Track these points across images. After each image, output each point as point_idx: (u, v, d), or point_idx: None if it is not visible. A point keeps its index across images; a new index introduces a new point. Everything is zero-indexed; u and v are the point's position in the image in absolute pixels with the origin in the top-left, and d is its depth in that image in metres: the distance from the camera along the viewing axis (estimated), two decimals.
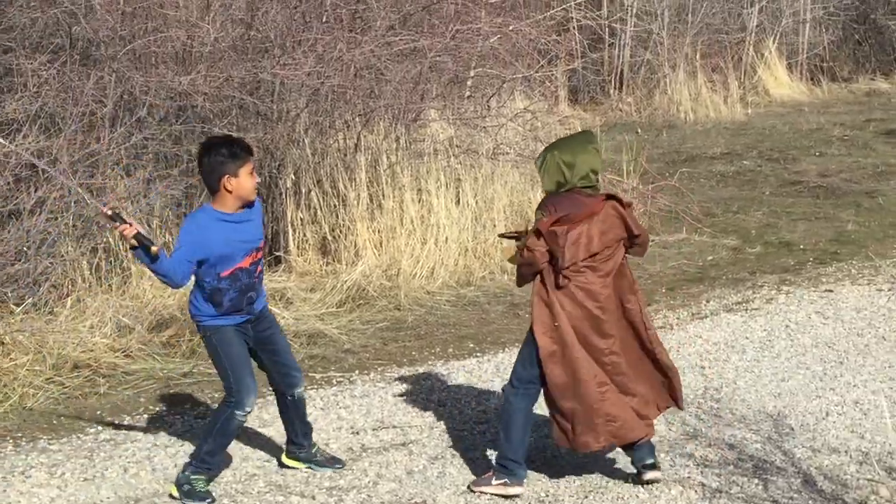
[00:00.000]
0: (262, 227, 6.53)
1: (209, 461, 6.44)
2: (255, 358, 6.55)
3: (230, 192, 6.17)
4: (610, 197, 6.39)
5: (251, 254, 6.30)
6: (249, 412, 6.44)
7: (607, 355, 6.36)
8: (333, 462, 6.86)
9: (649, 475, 6.49)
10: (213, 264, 6.20)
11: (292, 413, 6.72)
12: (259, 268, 6.40)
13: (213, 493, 6.38)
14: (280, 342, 6.61)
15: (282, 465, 6.83)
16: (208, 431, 6.45)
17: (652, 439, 6.56)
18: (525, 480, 6.47)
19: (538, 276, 6.36)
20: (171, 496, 6.43)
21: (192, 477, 6.36)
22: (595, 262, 6.30)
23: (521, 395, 6.45)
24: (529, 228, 6.61)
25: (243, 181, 6.18)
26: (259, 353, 6.52)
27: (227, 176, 6.14)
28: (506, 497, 6.38)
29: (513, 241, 6.64)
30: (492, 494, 6.41)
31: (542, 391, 6.46)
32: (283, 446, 6.90)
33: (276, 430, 7.30)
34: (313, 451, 6.83)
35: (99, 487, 6.54)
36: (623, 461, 6.69)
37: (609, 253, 6.36)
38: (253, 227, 6.33)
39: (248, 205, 6.28)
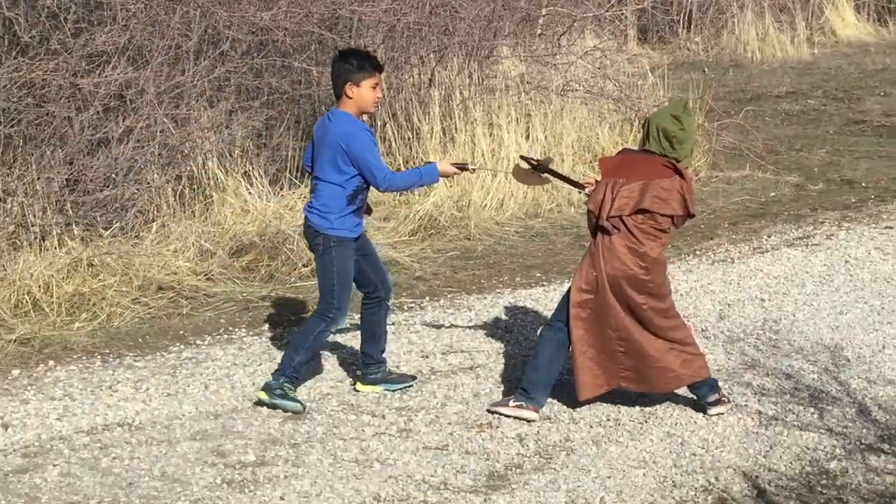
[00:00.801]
0: None
1: (299, 373, 6.58)
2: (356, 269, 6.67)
3: (350, 98, 6.41)
4: (678, 173, 6.32)
5: None
6: (339, 327, 6.64)
7: (645, 310, 6.33)
8: (405, 378, 6.92)
9: (713, 410, 6.48)
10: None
11: (382, 325, 6.82)
12: None
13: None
14: (374, 249, 6.88)
15: (357, 391, 6.88)
16: (300, 344, 6.55)
17: (711, 373, 6.54)
18: (541, 409, 6.48)
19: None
20: (259, 402, 6.54)
21: (285, 384, 6.48)
22: (645, 223, 6.25)
23: (554, 329, 6.48)
24: (550, 158, 6.87)
25: (364, 91, 6.43)
26: (361, 259, 6.66)
27: (349, 83, 6.39)
28: (520, 419, 6.41)
29: (524, 164, 6.73)
30: (507, 415, 6.44)
31: None
32: (357, 371, 6.97)
33: (348, 353, 7.37)
34: (387, 371, 6.89)
35: (181, 402, 6.63)
36: (684, 390, 6.66)
37: (662, 221, 6.30)
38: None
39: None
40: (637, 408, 6.63)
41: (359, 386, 6.89)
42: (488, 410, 6.54)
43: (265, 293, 8.55)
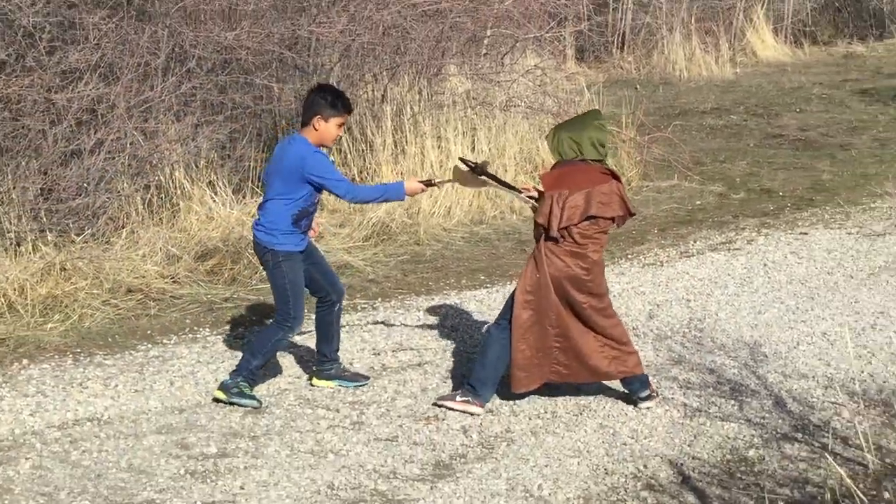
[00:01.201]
0: None
1: (254, 375, 6.51)
2: (305, 277, 6.62)
3: (316, 130, 6.35)
4: (615, 177, 6.34)
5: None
6: (295, 335, 6.59)
7: (585, 308, 6.34)
8: (359, 378, 6.88)
9: (644, 404, 6.50)
10: (317, 188, 6.40)
11: (335, 323, 6.77)
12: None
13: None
14: (322, 256, 6.82)
15: (312, 386, 6.84)
16: (258, 348, 6.50)
17: (643, 369, 6.55)
18: (486, 404, 6.45)
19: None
20: (215, 400, 6.47)
21: (241, 383, 6.42)
22: (589, 228, 6.26)
23: (501, 328, 6.47)
24: (487, 161, 6.97)
25: (330, 127, 6.39)
26: (310, 268, 6.59)
27: (319, 116, 6.34)
28: (465, 413, 6.39)
29: (462, 165, 6.75)
30: (453, 409, 6.42)
31: None
32: (313, 367, 6.92)
33: (305, 351, 7.31)
34: (341, 368, 6.85)
35: (148, 398, 6.56)
36: (617, 384, 6.67)
37: (604, 225, 6.32)
38: None
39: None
40: (573, 401, 6.62)
41: (315, 381, 6.84)
42: (435, 404, 6.51)
43: (228, 295, 8.47)
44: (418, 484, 5.60)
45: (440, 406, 6.47)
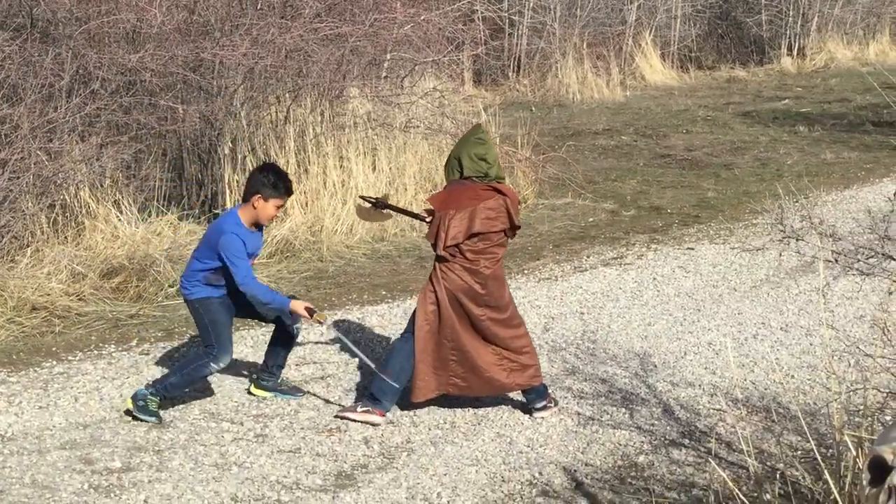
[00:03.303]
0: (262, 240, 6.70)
1: (169, 391, 6.40)
2: (250, 315, 6.64)
3: (254, 208, 6.31)
4: (499, 191, 6.35)
5: (253, 256, 6.47)
6: (222, 368, 6.44)
7: (483, 321, 6.37)
8: (295, 391, 6.84)
9: (538, 414, 6.53)
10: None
11: (285, 344, 6.76)
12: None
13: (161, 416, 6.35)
14: None
15: (250, 393, 6.80)
16: (180, 368, 6.42)
17: (542, 380, 6.59)
18: (388, 414, 6.45)
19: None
20: (126, 412, 6.37)
21: (150, 397, 6.31)
22: (477, 244, 6.28)
23: (405, 340, 6.48)
24: (387, 195, 7.05)
25: (268, 208, 6.34)
26: (254, 309, 6.56)
27: (259, 196, 6.29)
28: (366, 423, 6.38)
29: (364, 203, 6.78)
30: (355, 420, 6.41)
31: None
32: (253, 376, 6.93)
33: None
34: (279, 381, 6.79)
35: (52, 414, 6.42)
36: (516, 395, 6.70)
37: (496, 238, 6.35)
38: (258, 239, 6.52)
39: (259, 225, 6.46)
40: (471, 411, 6.63)
41: (252, 389, 6.82)
42: (336, 416, 6.47)
43: (134, 312, 8.34)
44: (321, 494, 5.56)
45: (342, 418, 6.44)
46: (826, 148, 15.92)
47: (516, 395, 6.68)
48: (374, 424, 6.37)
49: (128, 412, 6.38)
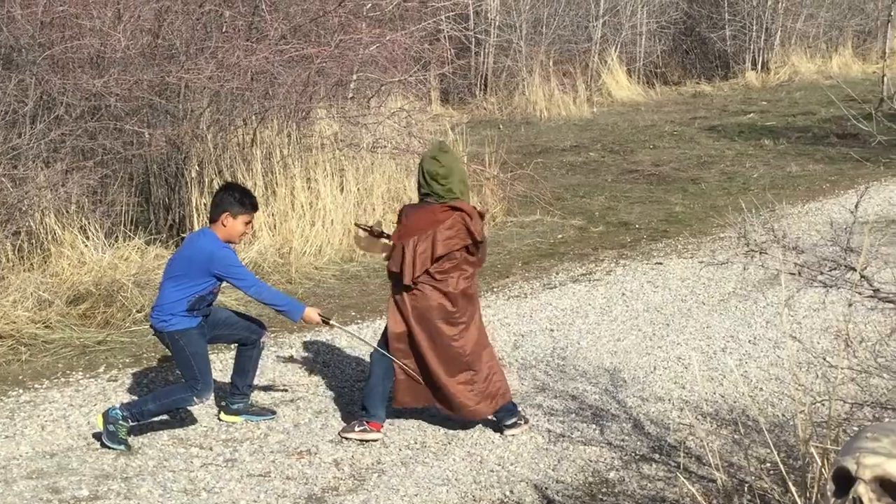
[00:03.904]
0: None
1: (144, 417, 6.34)
2: (218, 340, 6.64)
3: (224, 226, 6.31)
4: (456, 209, 6.32)
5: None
6: (203, 402, 6.41)
7: (456, 340, 6.37)
8: (266, 412, 6.80)
9: (509, 431, 6.53)
10: (220, 280, 6.35)
11: (253, 361, 6.72)
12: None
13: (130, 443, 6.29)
14: (229, 313, 6.74)
15: (219, 419, 6.75)
16: (159, 396, 6.37)
17: (510, 397, 6.58)
18: (383, 425, 6.46)
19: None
20: (95, 435, 6.34)
21: (120, 423, 6.23)
22: (444, 264, 6.29)
23: (381, 355, 6.47)
24: (380, 221, 7.02)
25: (238, 224, 6.37)
26: (219, 331, 6.55)
27: (227, 214, 6.30)
28: (366, 441, 6.38)
29: (360, 231, 6.78)
30: (355, 440, 6.39)
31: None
32: (221, 402, 6.87)
33: None
34: (248, 403, 6.76)
35: (18, 444, 6.35)
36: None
37: (461, 256, 6.34)
38: None
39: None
40: (441, 431, 6.62)
41: (222, 416, 6.76)
42: (339, 435, 6.46)
43: (101, 338, 8.28)
44: None
45: (343, 437, 6.44)
46: (791, 161, 16.04)
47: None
48: (373, 440, 6.37)
49: (97, 436, 6.32)
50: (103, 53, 10.19)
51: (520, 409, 6.70)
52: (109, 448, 6.23)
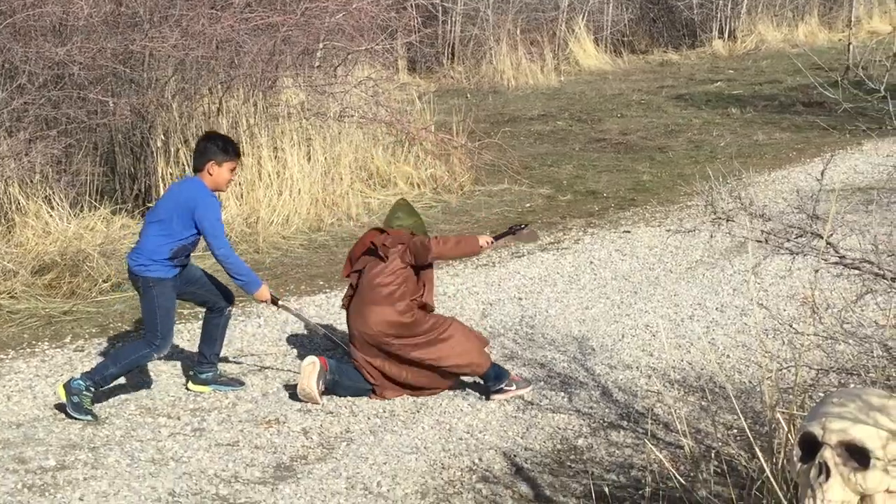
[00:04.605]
0: None
1: (107, 382, 6.33)
2: (187, 296, 6.60)
3: (210, 175, 6.33)
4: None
5: None
6: (162, 356, 6.44)
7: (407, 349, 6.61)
8: (234, 383, 6.77)
9: (495, 397, 6.60)
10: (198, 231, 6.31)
11: (220, 329, 6.73)
12: None
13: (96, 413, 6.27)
14: (202, 273, 6.71)
15: (187, 389, 6.73)
16: (119, 358, 6.33)
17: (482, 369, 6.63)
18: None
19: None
20: (58, 406, 6.32)
21: (84, 393, 6.20)
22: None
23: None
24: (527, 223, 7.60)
25: (224, 172, 6.41)
26: (190, 288, 6.54)
27: (212, 162, 6.32)
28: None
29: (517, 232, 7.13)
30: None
31: None
32: (189, 372, 6.85)
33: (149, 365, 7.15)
34: (217, 373, 6.74)
35: None
36: (461, 381, 6.70)
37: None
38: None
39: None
40: (409, 400, 6.63)
41: (190, 385, 6.75)
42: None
43: (67, 308, 8.23)
44: (259, 487, 5.53)
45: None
46: (758, 129, 16.10)
47: (470, 380, 6.71)
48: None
49: (60, 407, 6.29)
50: (66, 21, 10.08)
51: (513, 374, 6.72)
52: (76, 419, 6.20)
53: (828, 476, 3.42)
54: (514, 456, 5.89)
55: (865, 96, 7.42)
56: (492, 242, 6.84)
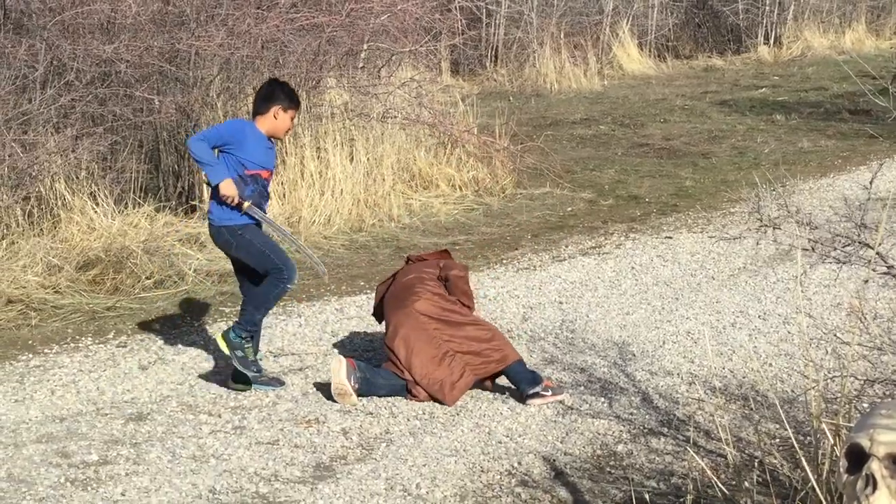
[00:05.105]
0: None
1: (256, 327, 6.54)
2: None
3: (276, 119, 6.40)
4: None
5: (269, 170, 6.53)
6: (295, 284, 6.61)
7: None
8: (275, 382, 6.79)
9: (530, 402, 6.56)
10: (240, 161, 6.33)
11: (267, 297, 6.64)
12: (269, 187, 6.59)
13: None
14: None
15: (228, 386, 6.75)
16: (258, 303, 6.47)
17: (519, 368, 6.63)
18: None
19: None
20: (220, 347, 6.56)
21: (246, 345, 6.43)
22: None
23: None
24: None
25: (286, 119, 6.46)
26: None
27: (279, 107, 6.40)
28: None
29: None
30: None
31: None
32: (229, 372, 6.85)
33: (188, 357, 7.20)
34: (259, 372, 6.77)
35: (28, 408, 6.37)
36: (500, 383, 6.69)
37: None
38: (274, 154, 6.64)
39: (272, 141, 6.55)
40: None
41: (230, 383, 6.73)
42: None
43: (111, 304, 8.30)
44: (299, 486, 5.54)
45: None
46: (803, 136, 15.97)
47: (503, 382, 6.71)
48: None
49: (221, 349, 6.53)
50: (114, 19, 10.17)
51: (546, 379, 6.70)
52: (244, 372, 6.49)
53: (875, 488, 3.38)
54: (554, 460, 5.87)
55: None
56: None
